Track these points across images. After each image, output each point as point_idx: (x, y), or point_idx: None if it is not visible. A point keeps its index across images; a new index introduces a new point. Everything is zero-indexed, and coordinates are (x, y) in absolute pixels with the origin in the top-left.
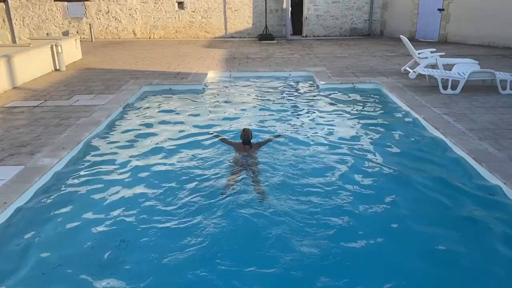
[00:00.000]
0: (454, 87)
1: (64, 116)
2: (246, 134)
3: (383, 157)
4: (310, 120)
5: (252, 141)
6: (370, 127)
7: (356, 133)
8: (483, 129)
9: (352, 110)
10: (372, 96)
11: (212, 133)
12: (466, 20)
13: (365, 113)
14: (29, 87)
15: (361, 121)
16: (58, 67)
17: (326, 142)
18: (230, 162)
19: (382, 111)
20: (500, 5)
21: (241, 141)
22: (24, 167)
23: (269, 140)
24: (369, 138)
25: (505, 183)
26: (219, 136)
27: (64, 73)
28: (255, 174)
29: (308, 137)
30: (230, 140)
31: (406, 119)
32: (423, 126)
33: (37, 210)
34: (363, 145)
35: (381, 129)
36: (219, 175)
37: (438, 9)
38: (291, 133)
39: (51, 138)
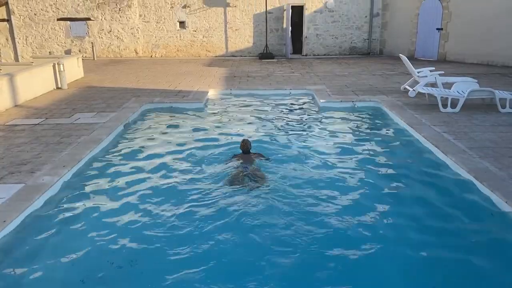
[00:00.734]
0: (453, 105)
1: (65, 134)
2: (245, 145)
3: (383, 175)
4: (310, 138)
5: (251, 151)
6: (370, 145)
7: (356, 151)
8: (483, 148)
9: (352, 128)
10: (372, 114)
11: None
12: (465, 39)
13: (365, 131)
14: (31, 105)
15: (361, 139)
16: (60, 85)
17: (325, 160)
18: (231, 170)
19: (382, 130)
20: (498, 25)
21: (241, 151)
22: (24, 185)
23: (267, 159)
24: (369, 156)
25: (506, 202)
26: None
27: (65, 91)
28: (255, 175)
29: (308, 155)
30: (234, 155)
31: (406, 137)
32: (423, 145)
33: (36, 229)
34: (363, 163)
35: (381, 147)
36: (221, 186)
37: (437, 29)
38: (290, 150)
39: (52, 156)
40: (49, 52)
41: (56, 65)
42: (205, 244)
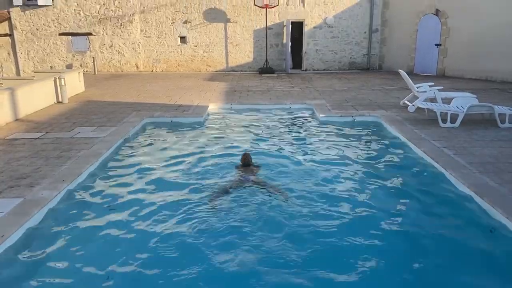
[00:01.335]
0: (453, 120)
1: (65, 148)
2: (246, 158)
3: (383, 190)
4: (310, 152)
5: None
6: (370, 160)
7: (356, 165)
8: (484, 163)
9: (351, 142)
10: (372, 129)
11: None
12: (463, 54)
13: (365, 146)
14: (31, 119)
15: (361, 154)
16: (60, 100)
17: (325, 174)
18: (233, 182)
19: (382, 144)
20: (496, 40)
21: (242, 164)
22: (23, 199)
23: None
24: (368, 171)
25: (507, 218)
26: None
27: (66, 105)
28: (257, 183)
29: (308, 170)
30: (236, 167)
31: (406, 152)
32: (423, 159)
33: (34, 243)
34: (362, 177)
35: (381, 162)
36: (221, 197)
37: (436, 44)
38: (290, 164)
39: (52, 170)
40: (51, 66)
41: (57, 80)
42: (205, 258)
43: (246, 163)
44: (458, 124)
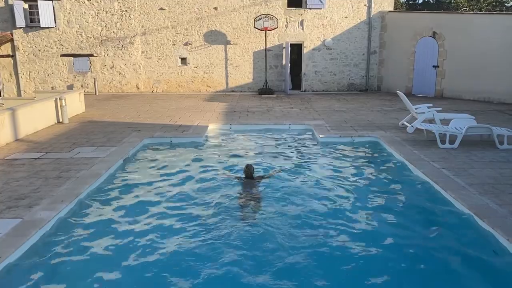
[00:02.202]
0: (452, 141)
1: (64, 169)
2: (248, 170)
3: (382, 212)
4: (309, 173)
5: (254, 175)
6: (369, 181)
7: (355, 186)
8: (483, 184)
9: (351, 163)
10: (371, 150)
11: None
12: (461, 76)
13: (364, 167)
14: (31, 139)
15: (360, 175)
16: (61, 120)
17: (324, 195)
18: (236, 195)
19: (381, 165)
20: (493, 62)
21: (244, 176)
22: (21, 220)
23: (271, 175)
24: (368, 192)
25: (508, 240)
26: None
27: (66, 125)
28: (256, 201)
29: (306, 190)
30: (238, 176)
31: (405, 173)
32: (423, 180)
33: (32, 264)
34: (362, 198)
35: (380, 183)
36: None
37: (433, 66)
38: (289, 185)
39: (51, 190)
40: (52, 87)
41: (58, 100)
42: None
43: (248, 174)
44: (457, 145)
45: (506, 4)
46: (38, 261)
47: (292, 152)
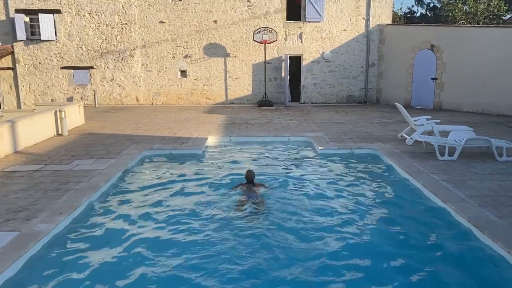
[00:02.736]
0: (451, 153)
1: (63, 181)
2: (249, 174)
3: (381, 224)
4: (307, 184)
5: (254, 180)
6: (368, 193)
7: (355, 198)
8: (483, 196)
9: (350, 175)
10: (370, 162)
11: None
12: (459, 88)
13: (363, 178)
14: (31, 151)
15: (359, 187)
16: (60, 132)
17: (323, 207)
18: (236, 198)
19: (380, 177)
20: (491, 75)
21: (246, 181)
22: (19, 232)
23: (267, 188)
24: (367, 204)
25: (508, 252)
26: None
27: (66, 138)
28: (257, 204)
29: (305, 202)
30: (239, 184)
31: (405, 185)
32: (422, 193)
33: (30, 277)
34: (361, 210)
35: (380, 195)
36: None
37: (432, 78)
38: (288, 198)
39: (49, 203)
40: (52, 99)
41: (58, 112)
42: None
43: (249, 179)
44: (456, 157)
45: (503, 18)
46: (35, 273)
47: (291, 164)
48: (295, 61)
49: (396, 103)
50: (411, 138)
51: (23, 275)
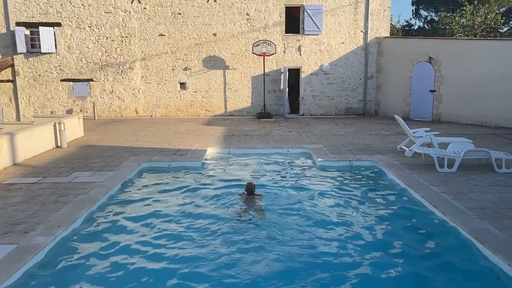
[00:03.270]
0: (450, 165)
1: (61, 193)
2: (249, 187)
3: (381, 236)
4: (307, 196)
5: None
6: (368, 205)
7: (354, 210)
8: (483, 208)
9: (349, 187)
10: (370, 173)
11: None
12: (458, 100)
13: (363, 190)
14: (29, 163)
15: (358, 199)
16: (59, 144)
17: (322, 219)
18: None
19: (380, 189)
20: (488, 87)
21: (246, 193)
22: (16, 246)
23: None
24: (367, 216)
25: (509, 265)
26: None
27: (65, 150)
28: (257, 214)
29: (304, 214)
30: (239, 195)
31: (404, 197)
32: (422, 205)
33: None
34: (360, 223)
35: (379, 207)
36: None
37: (430, 90)
38: (287, 209)
39: (47, 215)
40: (51, 111)
41: (57, 125)
42: None
43: (250, 191)
44: (456, 169)
45: (500, 30)
46: (33, 287)
47: (290, 176)
48: (294, 73)
49: (395, 115)
50: (410, 150)
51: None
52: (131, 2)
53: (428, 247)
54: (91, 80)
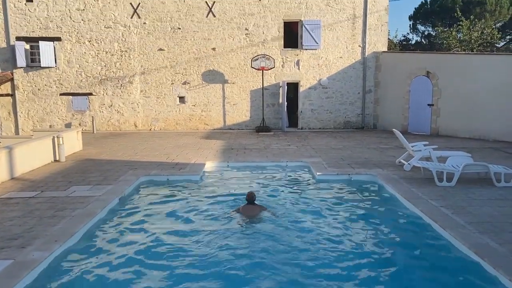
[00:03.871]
0: (449, 179)
1: (59, 208)
2: (250, 195)
3: (380, 250)
4: (306, 210)
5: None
6: (367, 219)
7: (352, 224)
8: (482, 222)
9: (348, 201)
10: (369, 187)
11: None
12: (456, 114)
13: (362, 204)
14: (27, 177)
15: (358, 213)
16: (58, 158)
17: (320, 233)
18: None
19: (379, 203)
20: (486, 101)
21: (246, 202)
22: (13, 261)
23: (270, 212)
24: (366, 230)
25: (510, 280)
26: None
27: (63, 164)
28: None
29: (303, 229)
30: (239, 207)
31: (403, 212)
32: (421, 219)
33: None
34: (359, 237)
35: (378, 221)
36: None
37: (428, 104)
38: (286, 222)
39: (44, 230)
40: (50, 125)
41: (55, 139)
42: None
43: (250, 200)
44: (455, 183)
45: (497, 45)
46: None
47: (289, 189)
48: (293, 87)
49: (394, 129)
50: (409, 163)
51: None
52: (131, 17)
53: (426, 262)
54: (90, 94)
